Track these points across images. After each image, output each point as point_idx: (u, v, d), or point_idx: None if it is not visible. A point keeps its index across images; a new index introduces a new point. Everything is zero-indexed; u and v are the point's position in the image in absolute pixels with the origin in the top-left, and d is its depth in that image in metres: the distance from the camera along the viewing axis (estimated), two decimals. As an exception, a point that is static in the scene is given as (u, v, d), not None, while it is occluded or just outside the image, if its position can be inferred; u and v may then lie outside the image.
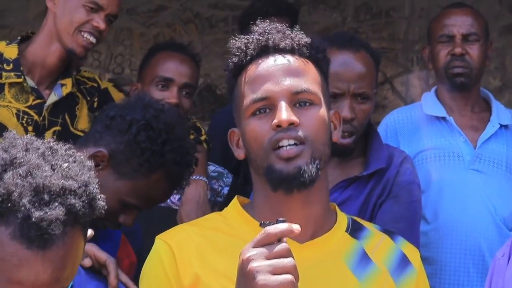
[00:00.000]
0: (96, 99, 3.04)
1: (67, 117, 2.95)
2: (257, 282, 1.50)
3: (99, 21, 2.86)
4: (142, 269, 1.87)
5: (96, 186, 1.64)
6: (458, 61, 3.15)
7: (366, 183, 2.53)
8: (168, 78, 3.09)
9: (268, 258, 1.52)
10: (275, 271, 1.50)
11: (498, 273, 2.16)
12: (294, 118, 1.75)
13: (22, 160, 1.59)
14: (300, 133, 1.75)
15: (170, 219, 2.89)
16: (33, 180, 1.55)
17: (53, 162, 1.61)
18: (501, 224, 3.07)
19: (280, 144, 1.75)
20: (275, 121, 1.75)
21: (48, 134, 2.86)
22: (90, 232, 1.72)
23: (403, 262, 1.87)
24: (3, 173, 1.57)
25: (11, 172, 1.56)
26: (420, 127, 3.21)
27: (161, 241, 1.84)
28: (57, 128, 2.91)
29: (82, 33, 2.86)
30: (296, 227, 1.54)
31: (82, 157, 1.69)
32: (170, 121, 2.28)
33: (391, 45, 4.95)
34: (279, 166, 1.75)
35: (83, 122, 3.00)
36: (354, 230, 1.89)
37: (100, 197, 1.65)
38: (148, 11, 5.05)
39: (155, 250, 1.84)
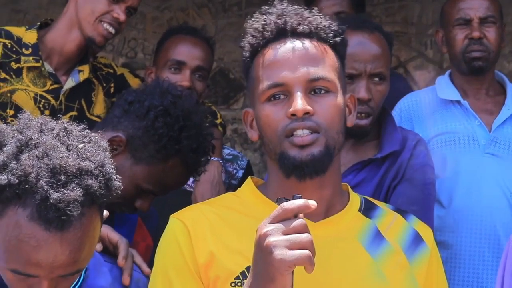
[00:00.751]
0: (112, 85, 3.07)
1: (83, 102, 2.97)
2: (274, 256, 1.51)
3: (119, 12, 2.89)
4: (157, 247, 1.87)
5: (112, 167, 1.65)
6: (476, 45, 3.13)
7: (380, 165, 2.54)
8: (180, 61, 3.10)
9: (285, 233, 1.52)
10: (292, 246, 1.51)
11: (512, 257, 2.16)
12: (309, 107, 1.75)
13: (37, 141, 1.59)
14: (315, 122, 1.75)
15: (185, 201, 2.90)
16: (50, 161, 1.56)
17: (69, 143, 1.62)
18: (516, 208, 3.07)
19: (295, 133, 1.76)
20: (290, 109, 1.75)
21: (65, 118, 2.84)
22: (105, 213, 1.72)
23: (416, 240, 1.88)
24: (19, 154, 1.57)
25: (27, 154, 1.57)
26: (434, 111, 3.19)
27: (176, 219, 1.85)
28: (74, 113, 2.93)
29: (102, 23, 2.89)
30: (312, 203, 1.55)
31: (96, 137, 1.69)
32: (188, 108, 2.28)
33: (405, 29, 4.92)
34: (293, 153, 1.76)
35: (99, 108, 3.02)
36: (367, 209, 1.90)
37: (116, 177, 1.65)
38: (161, -5, 5.05)
39: (170, 228, 1.85)
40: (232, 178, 3.22)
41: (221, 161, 3.10)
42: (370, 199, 1.96)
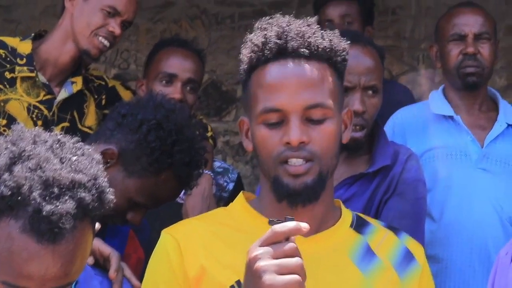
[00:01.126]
0: (104, 97, 3.07)
1: (75, 113, 2.98)
2: (263, 281, 1.49)
3: (115, 26, 2.89)
4: (148, 262, 1.86)
5: (105, 180, 1.63)
6: (470, 61, 3.14)
7: (371, 180, 2.54)
8: (171, 73, 3.10)
9: (275, 257, 1.50)
10: (282, 271, 1.48)
11: (502, 271, 2.16)
12: (304, 137, 1.73)
13: (31, 153, 1.58)
14: (309, 152, 1.74)
15: (176, 213, 2.90)
16: (43, 174, 1.54)
17: (62, 155, 1.60)
18: (507, 223, 3.06)
19: (289, 161, 1.75)
20: (285, 138, 1.74)
21: (57, 129, 2.87)
22: (97, 225, 1.72)
23: (407, 257, 1.87)
24: (12, 166, 1.56)
25: (20, 165, 1.55)
26: (427, 126, 3.20)
27: (167, 234, 1.84)
28: (66, 124, 2.93)
29: (98, 37, 2.90)
30: (304, 226, 1.53)
31: (90, 150, 1.68)
32: (181, 122, 2.27)
33: (397, 43, 4.95)
34: (286, 180, 1.75)
35: (90, 119, 3.03)
36: (359, 226, 1.89)
37: (109, 190, 1.64)
38: (155, 7, 5.05)
39: (161, 243, 1.84)
40: (223, 190, 3.22)
41: (212, 174, 3.09)
42: (362, 215, 1.96)
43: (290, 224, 1.52)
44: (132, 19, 2.98)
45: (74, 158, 1.61)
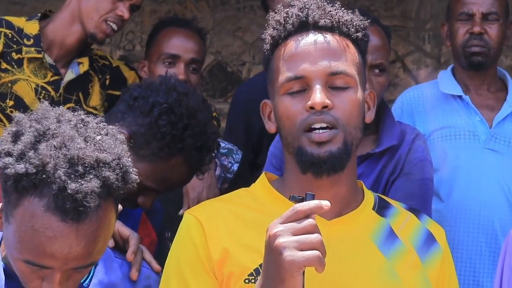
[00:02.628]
0: (108, 77, 3.07)
1: (80, 94, 2.98)
2: (284, 258, 1.50)
3: (123, 10, 2.89)
4: (172, 243, 1.85)
5: (129, 159, 1.63)
6: (476, 40, 3.15)
7: (378, 160, 2.54)
8: (174, 54, 3.08)
9: (295, 234, 1.51)
10: (302, 247, 1.50)
11: (511, 251, 2.16)
12: (328, 101, 1.73)
13: (55, 132, 1.58)
14: (333, 117, 1.73)
15: (181, 194, 2.90)
16: (68, 152, 1.54)
17: (86, 134, 1.60)
18: (515, 203, 3.08)
19: (313, 126, 1.74)
20: (309, 102, 1.73)
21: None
22: (120, 207, 1.71)
23: (429, 240, 1.86)
24: (36, 144, 1.56)
25: (45, 143, 1.55)
26: (436, 105, 3.21)
27: (190, 215, 1.83)
28: (71, 104, 2.93)
29: (106, 22, 2.89)
30: (325, 203, 1.54)
31: (113, 130, 1.68)
32: (193, 106, 2.23)
33: (403, 23, 4.92)
34: (311, 149, 1.74)
35: (95, 99, 3.03)
36: (381, 208, 1.88)
37: (133, 170, 1.64)
38: (159, -12, 5.04)
39: (184, 225, 1.83)
40: (227, 171, 3.20)
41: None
42: (384, 197, 1.95)
43: (311, 203, 1.53)
44: (140, 3, 2.97)
45: (98, 137, 1.61)
